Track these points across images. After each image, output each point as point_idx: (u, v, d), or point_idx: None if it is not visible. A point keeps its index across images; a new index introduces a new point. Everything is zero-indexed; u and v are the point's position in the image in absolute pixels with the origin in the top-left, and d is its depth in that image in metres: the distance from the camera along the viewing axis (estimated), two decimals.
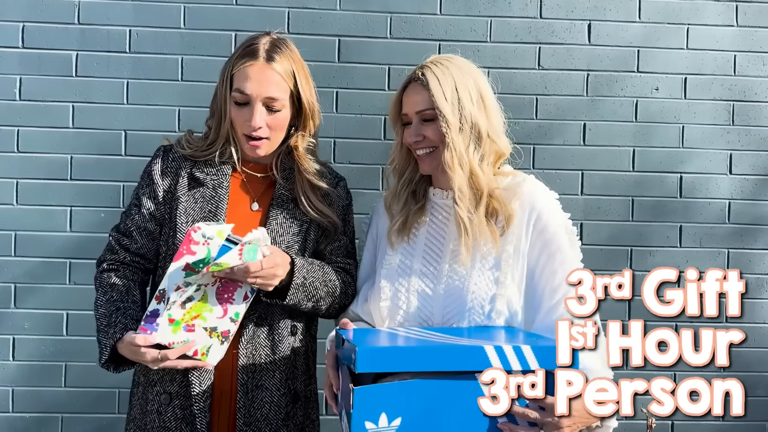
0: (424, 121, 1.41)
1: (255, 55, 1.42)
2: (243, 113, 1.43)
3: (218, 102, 1.46)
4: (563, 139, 2.48)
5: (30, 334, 2.38)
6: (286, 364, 1.44)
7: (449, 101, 1.38)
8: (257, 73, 1.41)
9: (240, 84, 1.42)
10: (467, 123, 1.39)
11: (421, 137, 1.41)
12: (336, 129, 2.42)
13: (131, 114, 2.39)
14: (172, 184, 1.46)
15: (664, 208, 2.50)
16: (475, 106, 1.40)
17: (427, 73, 1.40)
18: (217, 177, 1.47)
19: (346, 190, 1.61)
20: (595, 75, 2.48)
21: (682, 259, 2.50)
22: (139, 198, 1.49)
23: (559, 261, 1.37)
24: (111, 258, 1.47)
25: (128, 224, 1.48)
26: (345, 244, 1.57)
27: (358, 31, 2.43)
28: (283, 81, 1.44)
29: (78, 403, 2.38)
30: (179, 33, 2.40)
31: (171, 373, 1.39)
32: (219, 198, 1.45)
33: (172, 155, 1.49)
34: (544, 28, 2.47)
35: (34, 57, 2.38)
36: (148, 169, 1.50)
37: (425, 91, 1.39)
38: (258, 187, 1.52)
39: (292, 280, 1.38)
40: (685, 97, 2.50)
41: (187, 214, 1.44)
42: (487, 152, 1.42)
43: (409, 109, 1.42)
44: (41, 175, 2.38)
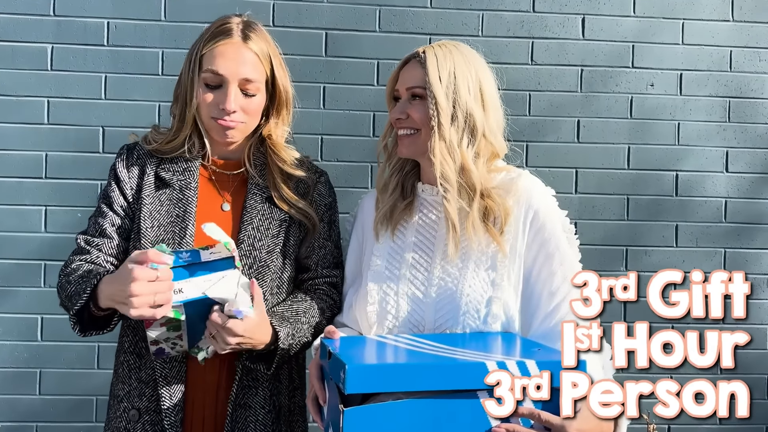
0: (413, 99, 1.34)
1: (229, 33, 1.32)
2: (214, 96, 1.33)
3: (183, 86, 1.35)
4: (557, 136, 2.43)
5: (3, 339, 2.28)
6: (270, 379, 1.35)
7: (443, 84, 1.30)
8: (233, 51, 1.31)
9: (212, 64, 1.31)
10: (461, 113, 1.31)
11: (405, 115, 1.34)
12: (323, 125, 2.35)
13: (109, 109, 2.30)
14: (138, 183, 1.36)
15: (659, 207, 2.45)
16: (472, 97, 1.32)
17: (428, 51, 1.33)
18: (184, 177, 1.36)
19: (328, 187, 1.49)
20: (590, 70, 2.43)
21: (678, 259, 2.44)
22: (109, 197, 1.38)
23: (558, 261, 1.29)
24: (81, 258, 1.35)
25: (101, 223, 1.36)
26: (331, 251, 1.46)
27: (346, 24, 2.36)
28: (259, 63, 1.34)
29: (54, 411, 2.29)
30: (159, 25, 2.32)
31: (140, 388, 1.30)
32: (187, 200, 1.35)
33: (136, 153, 1.39)
34: (537, 23, 2.41)
35: (7, 50, 2.28)
36: (113, 168, 1.39)
37: (421, 68, 1.32)
38: (228, 185, 1.41)
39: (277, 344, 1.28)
40: (680, 94, 2.45)
41: (152, 218, 1.33)
42: (482, 150, 1.34)
43: (401, 85, 1.36)
44: (15, 174, 2.29)
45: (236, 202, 1.39)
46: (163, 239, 1.31)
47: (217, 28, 1.34)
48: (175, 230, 1.32)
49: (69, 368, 2.29)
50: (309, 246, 1.42)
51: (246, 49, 1.33)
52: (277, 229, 1.37)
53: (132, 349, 1.32)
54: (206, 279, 1.17)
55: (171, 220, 1.33)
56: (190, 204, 1.34)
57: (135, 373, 1.31)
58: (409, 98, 1.34)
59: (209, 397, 1.32)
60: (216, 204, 1.39)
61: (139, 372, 1.31)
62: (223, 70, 1.31)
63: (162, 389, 1.28)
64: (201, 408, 1.32)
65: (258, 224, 1.35)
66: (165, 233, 1.32)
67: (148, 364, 1.30)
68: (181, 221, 1.33)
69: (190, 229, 1.32)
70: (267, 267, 1.34)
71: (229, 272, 1.18)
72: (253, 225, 1.35)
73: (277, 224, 1.37)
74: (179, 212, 1.34)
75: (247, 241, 1.33)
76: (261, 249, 1.34)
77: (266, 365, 1.30)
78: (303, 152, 1.49)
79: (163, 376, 1.29)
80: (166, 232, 1.32)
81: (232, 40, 1.32)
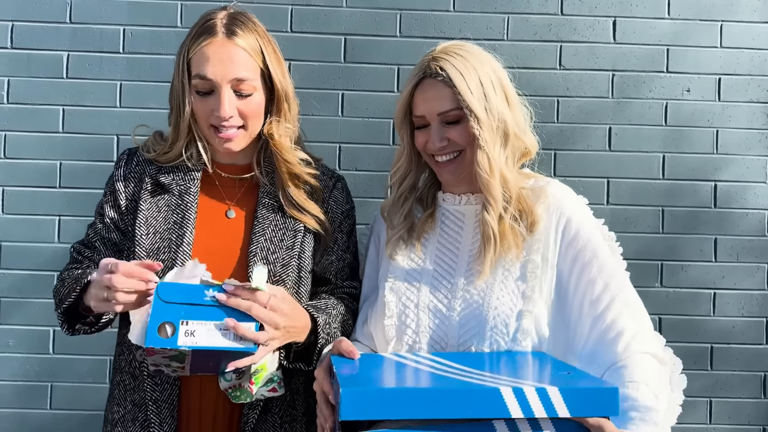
0: (447, 123, 1.24)
1: (212, 31, 1.23)
2: (208, 103, 1.24)
3: (176, 94, 1.27)
4: (587, 144, 2.31)
5: (14, 351, 2.24)
6: (281, 406, 1.26)
7: (476, 96, 1.21)
8: (218, 51, 1.22)
9: (199, 68, 1.22)
10: (494, 120, 1.23)
11: (446, 141, 1.24)
12: (341, 133, 2.27)
13: (124, 118, 2.25)
14: (135, 191, 1.30)
15: (696, 219, 2.32)
16: (499, 98, 1.24)
17: (446, 66, 1.22)
18: (184, 182, 1.29)
19: (345, 193, 1.40)
20: (621, 75, 2.31)
21: (717, 275, 2.31)
22: (102, 208, 1.33)
23: (597, 269, 1.20)
24: (73, 268, 1.30)
25: (91, 235, 1.32)
26: (349, 263, 1.38)
27: (366, 29, 2.28)
28: (250, 58, 1.25)
29: (64, 426, 2.24)
30: (176, 32, 2.27)
31: (133, 411, 1.22)
32: (186, 206, 1.27)
33: (136, 159, 1.33)
34: (566, 25, 2.31)
35: (23, 58, 2.26)
36: (112, 176, 1.34)
37: (447, 88, 1.21)
38: (234, 191, 1.33)
39: (317, 339, 1.21)
40: (719, 99, 2.33)
41: (148, 225, 1.26)
42: (514, 150, 1.27)
43: (428, 110, 1.24)
44: (29, 183, 2.25)
45: (244, 209, 1.31)
46: (159, 248, 1.24)
47: (199, 27, 1.26)
48: (172, 237, 1.25)
49: (81, 382, 2.24)
50: (326, 258, 1.34)
51: (233, 47, 1.23)
52: (291, 240, 1.28)
53: (128, 369, 1.25)
54: (223, 327, 1.09)
55: (168, 227, 1.26)
56: (189, 210, 1.27)
57: (130, 395, 1.24)
58: (442, 123, 1.25)
59: (205, 423, 1.24)
60: (220, 211, 1.31)
61: (133, 394, 1.24)
62: (211, 74, 1.22)
63: (152, 415, 1.20)
64: None
65: (271, 235, 1.27)
66: (161, 240, 1.25)
67: (142, 386, 1.23)
68: (178, 228, 1.25)
69: (188, 237, 1.25)
70: (282, 282, 1.26)
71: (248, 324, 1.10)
72: (265, 236, 1.26)
73: (291, 235, 1.28)
74: (177, 219, 1.26)
75: (259, 253, 1.25)
76: (275, 262, 1.25)
77: (305, 362, 1.22)
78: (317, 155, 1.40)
79: (153, 400, 1.21)
80: (162, 239, 1.25)
81: (216, 39, 1.23)
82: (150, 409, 1.20)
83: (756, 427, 2.29)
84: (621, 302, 1.19)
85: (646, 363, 1.13)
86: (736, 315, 2.31)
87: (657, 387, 1.11)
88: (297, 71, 2.19)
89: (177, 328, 1.07)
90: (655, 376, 1.12)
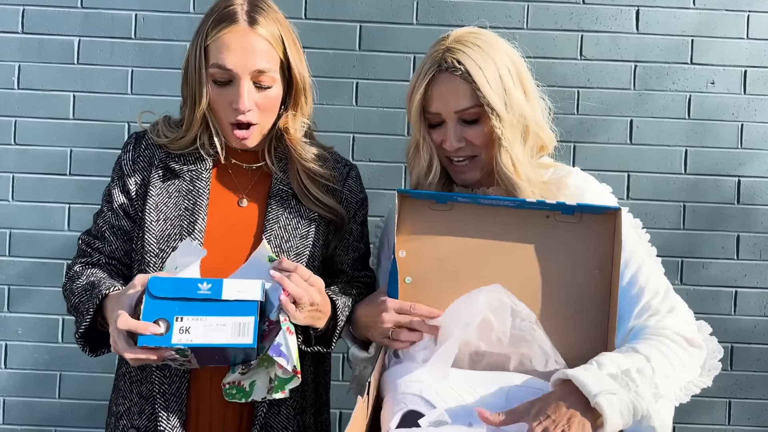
0: (464, 122, 1.18)
1: (233, 18, 1.17)
2: (226, 94, 1.19)
3: (191, 82, 1.21)
4: (607, 136, 2.25)
5: (23, 340, 2.23)
6: (294, 397, 1.22)
7: (496, 92, 1.14)
8: (240, 40, 1.17)
9: (218, 57, 1.17)
10: (515, 116, 1.17)
11: (463, 142, 1.18)
12: (355, 123, 2.23)
13: (135, 104, 2.22)
14: (145, 176, 1.25)
15: (719, 215, 2.26)
16: (518, 90, 1.18)
17: (463, 59, 1.14)
18: (195, 167, 1.25)
19: (359, 182, 1.36)
20: (644, 66, 2.25)
21: (739, 273, 2.25)
22: (110, 194, 1.28)
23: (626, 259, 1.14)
24: (82, 261, 1.27)
25: (100, 224, 1.28)
26: (364, 254, 1.35)
27: (381, 16, 2.23)
28: (271, 48, 1.20)
29: (72, 416, 2.22)
30: (188, 18, 2.23)
31: (140, 404, 1.19)
32: (197, 192, 1.24)
33: (144, 142, 1.29)
34: (587, 14, 2.25)
35: (34, 43, 2.23)
36: (119, 160, 1.29)
37: (465, 83, 1.14)
38: (247, 179, 1.29)
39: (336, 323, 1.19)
40: (744, 92, 2.26)
41: (158, 211, 1.23)
42: (532, 144, 1.22)
43: (445, 108, 1.17)
44: (39, 170, 2.23)
45: (257, 198, 1.27)
46: (170, 234, 1.20)
47: (219, 13, 1.20)
48: (183, 224, 1.21)
49: (89, 372, 2.22)
50: (340, 248, 1.31)
51: (255, 36, 1.18)
52: (306, 228, 1.25)
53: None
54: (220, 323, 1.05)
55: (179, 213, 1.22)
56: (200, 196, 1.23)
57: (136, 387, 1.21)
58: (459, 122, 1.18)
59: (216, 416, 1.21)
60: (232, 199, 1.27)
61: (140, 386, 1.20)
62: (231, 64, 1.17)
63: (159, 408, 1.17)
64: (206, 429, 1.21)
65: (285, 223, 1.23)
66: (172, 227, 1.21)
67: (149, 378, 1.20)
68: (190, 214, 1.22)
69: (200, 223, 1.21)
70: None
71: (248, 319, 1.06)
72: (279, 224, 1.23)
73: (306, 223, 1.25)
74: (188, 205, 1.22)
75: (273, 242, 1.22)
76: (289, 251, 1.22)
77: (325, 344, 1.20)
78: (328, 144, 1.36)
79: (161, 393, 1.18)
80: (173, 226, 1.21)
81: (237, 27, 1.18)
82: (158, 402, 1.17)
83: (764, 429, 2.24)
84: (651, 290, 1.15)
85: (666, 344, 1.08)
86: (758, 315, 2.25)
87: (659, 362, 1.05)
88: (310, 59, 2.10)
89: (171, 324, 1.03)
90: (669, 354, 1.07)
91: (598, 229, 1.09)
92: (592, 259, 1.10)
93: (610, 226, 1.09)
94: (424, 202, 1.12)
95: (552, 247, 1.11)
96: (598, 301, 1.10)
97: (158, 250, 1.20)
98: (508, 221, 1.11)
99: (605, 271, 1.10)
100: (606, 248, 1.09)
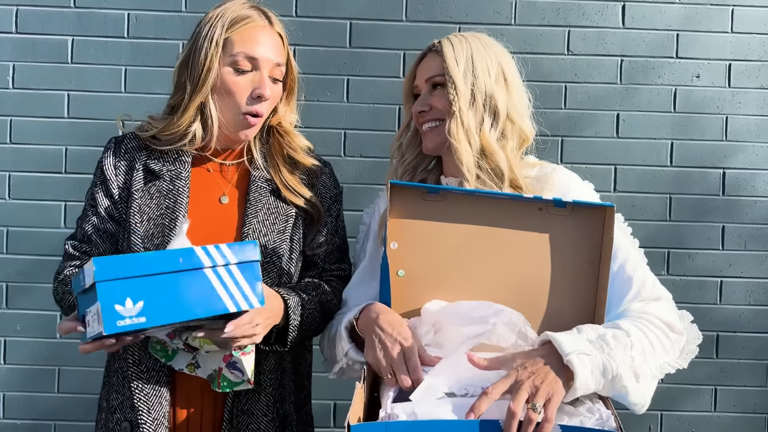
0: (433, 89, 1.30)
1: (253, 16, 1.27)
2: (244, 82, 1.26)
3: (196, 71, 1.25)
4: (594, 130, 2.29)
5: (22, 336, 2.26)
6: (273, 384, 1.27)
7: (461, 68, 1.27)
8: (265, 34, 1.27)
9: (246, 47, 1.25)
10: (480, 95, 1.26)
11: (427, 107, 1.30)
12: (347, 120, 2.26)
13: (129, 103, 2.25)
14: (126, 179, 1.30)
15: (705, 207, 2.30)
16: (492, 79, 1.27)
17: (443, 41, 1.31)
18: (174, 167, 1.29)
19: (333, 178, 1.43)
20: (630, 61, 2.29)
21: (724, 263, 2.29)
22: (93, 198, 1.32)
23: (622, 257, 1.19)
24: (72, 265, 1.31)
25: (86, 229, 1.31)
26: (338, 246, 1.40)
27: (371, 13, 2.26)
28: (283, 46, 1.31)
29: (72, 410, 2.26)
30: (180, 17, 2.26)
31: (131, 399, 1.23)
32: (177, 191, 1.28)
33: (124, 147, 1.33)
34: (574, 10, 2.28)
35: (28, 42, 2.25)
36: (100, 164, 1.34)
37: (437, 56, 1.30)
38: (226, 177, 1.34)
39: (288, 322, 1.22)
40: (729, 86, 2.30)
41: (141, 213, 1.27)
42: (509, 133, 1.28)
43: (419, 79, 1.33)
44: (35, 168, 2.26)
45: (237, 194, 1.32)
46: (153, 233, 1.25)
47: (234, 13, 1.27)
48: (165, 222, 1.26)
49: (88, 367, 2.25)
50: (315, 241, 1.35)
51: (273, 33, 1.30)
52: (283, 224, 1.30)
53: (124, 355, 1.26)
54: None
55: (161, 213, 1.26)
56: (180, 195, 1.28)
57: (128, 382, 1.25)
58: (429, 89, 1.31)
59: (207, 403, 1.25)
60: (213, 196, 1.31)
61: (131, 381, 1.25)
62: (259, 53, 1.26)
63: (139, 402, 1.22)
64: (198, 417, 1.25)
65: (263, 218, 1.29)
66: (155, 227, 1.26)
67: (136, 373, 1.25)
68: (171, 213, 1.26)
69: (181, 221, 1.25)
70: (272, 263, 1.28)
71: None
72: (258, 218, 1.29)
73: (283, 219, 1.31)
74: (169, 203, 1.27)
75: (251, 235, 1.27)
76: (266, 244, 1.28)
77: (282, 343, 1.24)
78: (324, 148, 1.42)
79: (139, 388, 1.23)
80: (156, 225, 1.26)
81: (258, 23, 1.27)
82: (136, 396, 1.22)
83: (761, 415, 2.29)
84: (639, 279, 1.20)
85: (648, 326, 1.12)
86: (743, 303, 2.30)
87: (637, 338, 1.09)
88: (302, 56, 2.17)
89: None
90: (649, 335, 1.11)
91: (589, 223, 1.13)
92: (582, 251, 1.14)
93: (600, 221, 1.13)
94: (416, 192, 1.15)
95: (543, 238, 1.14)
96: (586, 294, 1.13)
97: (143, 249, 1.25)
98: (501, 212, 1.14)
99: (593, 264, 1.13)
100: (595, 242, 1.13)
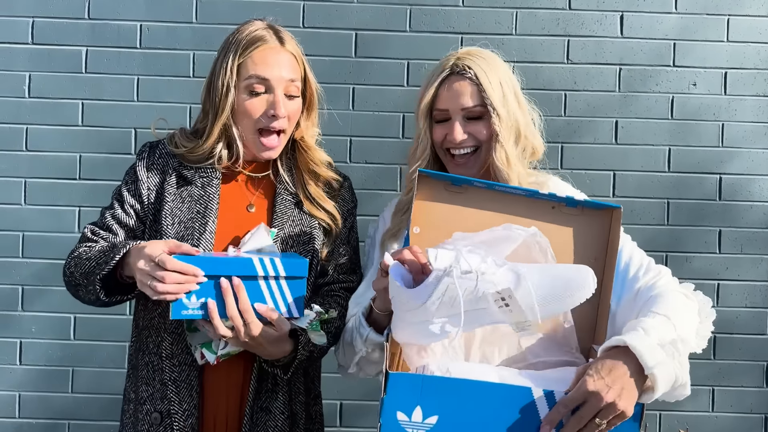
0: (468, 119, 1.32)
1: (264, 39, 1.33)
2: (260, 103, 1.32)
3: (216, 98, 1.33)
4: (594, 137, 2.35)
5: (37, 337, 2.32)
6: (287, 384, 1.33)
7: (497, 96, 1.31)
8: (275, 55, 1.33)
9: (257, 70, 1.31)
10: (511, 119, 1.32)
11: (466, 135, 1.32)
12: (352, 127, 2.32)
13: (142, 111, 2.32)
14: (159, 183, 1.36)
15: (702, 212, 2.35)
16: (512, 100, 1.33)
17: (472, 66, 1.31)
18: (206, 174, 1.36)
19: (351, 192, 1.49)
20: (628, 69, 2.34)
21: (721, 267, 2.34)
22: (121, 194, 1.38)
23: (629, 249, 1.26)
24: (87, 245, 1.33)
25: (107, 218, 1.37)
26: (350, 257, 1.45)
27: (376, 24, 2.32)
28: (296, 63, 1.37)
29: (86, 410, 2.32)
30: (191, 27, 2.32)
31: (162, 390, 1.29)
32: (208, 197, 1.34)
33: (158, 152, 1.39)
34: (573, 20, 2.34)
35: (43, 53, 2.32)
36: (134, 166, 1.39)
37: (473, 85, 1.30)
38: (254, 187, 1.40)
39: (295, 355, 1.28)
40: (725, 93, 2.35)
41: (173, 215, 1.33)
42: (523, 150, 1.35)
43: (452, 105, 1.32)
44: (49, 175, 2.32)
45: (264, 205, 1.38)
46: (183, 236, 1.31)
47: (248, 36, 1.33)
48: (195, 226, 1.32)
49: (101, 367, 2.31)
50: (329, 251, 1.40)
51: (285, 52, 1.35)
52: (307, 236, 1.36)
53: (156, 350, 1.31)
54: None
55: (191, 216, 1.33)
56: (211, 201, 1.34)
57: (158, 375, 1.30)
58: (464, 118, 1.33)
59: (232, 399, 1.31)
60: (242, 204, 1.38)
61: (162, 374, 1.30)
62: (269, 75, 1.32)
63: (171, 393, 1.28)
64: (224, 410, 1.31)
65: (289, 231, 1.35)
66: (185, 229, 1.32)
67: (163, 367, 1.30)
68: (201, 217, 1.32)
69: (210, 225, 1.32)
70: None
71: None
72: (284, 231, 1.35)
73: (307, 231, 1.37)
74: (200, 209, 1.33)
75: (279, 247, 1.33)
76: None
77: (283, 370, 1.29)
78: (330, 155, 1.47)
79: (172, 380, 1.29)
80: (186, 228, 1.32)
81: (270, 45, 1.33)
82: (169, 387, 1.28)
83: (758, 415, 2.34)
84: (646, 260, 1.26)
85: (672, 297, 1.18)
86: (740, 306, 2.35)
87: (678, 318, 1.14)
88: None
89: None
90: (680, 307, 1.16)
91: (598, 222, 1.20)
92: (590, 247, 1.20)
93: (607, 221, 1.20)
94: (440, 183, 1.20)
95: (555, 233, 1.20)
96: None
97: None
98: (518, 207, 1.20)
99: (600, 260, 1.19)
100: (603, 240, 1.20)
